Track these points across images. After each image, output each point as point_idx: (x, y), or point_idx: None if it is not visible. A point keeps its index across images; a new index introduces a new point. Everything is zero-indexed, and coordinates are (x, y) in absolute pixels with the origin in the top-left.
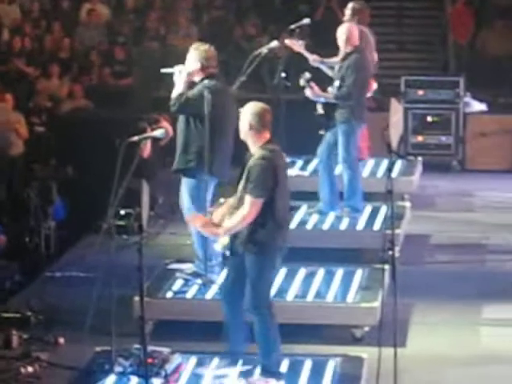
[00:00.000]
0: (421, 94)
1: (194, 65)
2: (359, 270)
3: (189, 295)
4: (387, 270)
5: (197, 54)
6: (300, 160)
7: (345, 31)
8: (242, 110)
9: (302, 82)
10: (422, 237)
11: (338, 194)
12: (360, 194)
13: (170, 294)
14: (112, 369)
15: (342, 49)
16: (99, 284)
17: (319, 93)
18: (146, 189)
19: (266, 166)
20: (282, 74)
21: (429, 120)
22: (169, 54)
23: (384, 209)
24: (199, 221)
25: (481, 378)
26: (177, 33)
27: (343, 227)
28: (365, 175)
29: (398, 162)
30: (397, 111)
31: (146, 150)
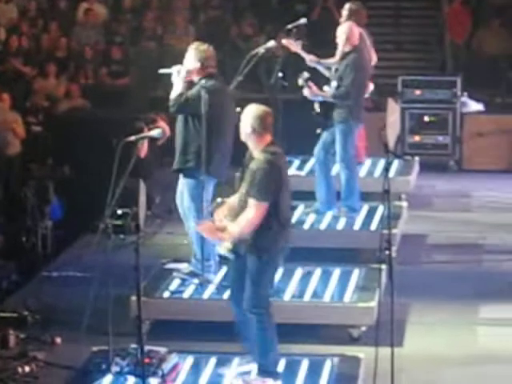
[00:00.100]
0: (418, 93)
1: (193, 64)
2: (356, 269)
3: (186, 295)
4: (384, 269)
5: (196, 53)
6: (297, 160)
7: (345, 30)
8: (242, 111)
9: (300, 81)
10: (419, 237)
11: (335, 193)
12: (357, 193)
13: (166, 294)
14: (109, 368)
15: (341, 48)
16: (96, 284)
17: (317, 92)
18: (142, 188)
19: (269, 170)
20: (279, 73)
21: (426, 120)
22: (166, 53)
23: (381, 209)
24: (205, 228)
25: (478, 378)
26: (174, 32)
27: (340, 227)
28: (362, 175)
29: (395, 162)
30: (394, 111)
31: (143, 149)
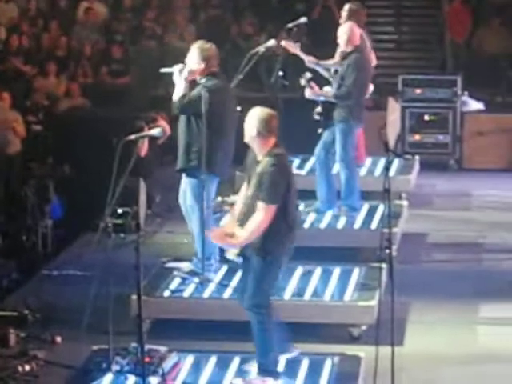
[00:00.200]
0: (418, 92)
1: (196, 63)
2: (356, 268)
3: (186, 294)
4: (384, 268)
5: (199, 52)
6: (297, 159)
7: (346, 30)
8: (243, 110)
9: (302, 81)
10: (419, 235)
11: (336, 193)
12: (357, 192)
13: (167, 293)
14: (109, 367)
15: (343, 48)
16: (96, 282)
17: (319, 92)
18: (143, 187)
19: (277, 172)
20: (280, 72)
21: (426, 119)
22: (166, 52)
23: (381, 207)
24: (215, 235)
25: (478, 377)
26: (174, 32)
27: (340, 226)
28: (362, 174)
29: (396, 161)
30: (394, 110)
31: (144, 148)
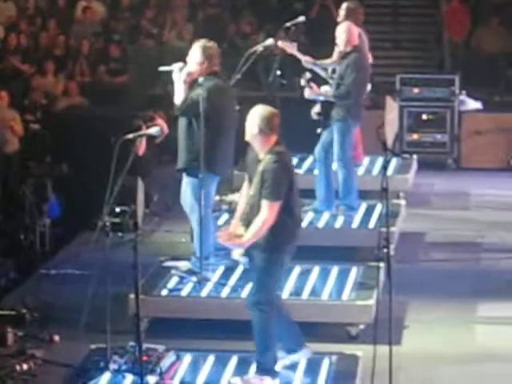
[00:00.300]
0: (416, 92)
1: (197, 62)
2: (354, 267)
3: (184, 293)
4: (382, 267)
5: (202, 51)
6: (295, 158)
7: (344, 30)
8: (241, 109)
9: (302, 82)
10: (417, 235)
11: (334, 192)
12: (355, 192)
13: (165, 292)
14: (107, 366)
15: (342, 48)
16: (94, 281)
17: (319, 92)
18: (141, 186)
19: (279, 170)
20: (278, 71)
21: (424, 118)
22: (164, 51)
23: (379, 207)
24: (223, 236)
25: (475, 376)
26: (172, 30)
27: (338, 225)
28: (360, 173)
29: (393, 160)
30: (392, 109)
31: (141, 147)
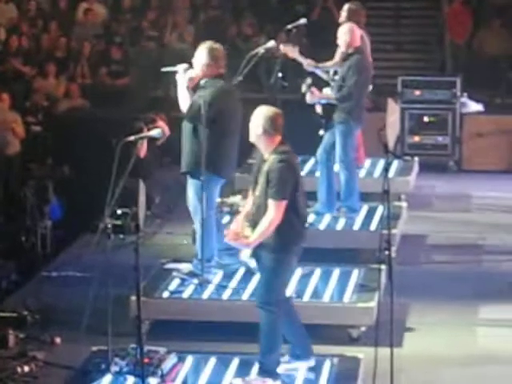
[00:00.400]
0: (417, 94)
1: (203, 63)
2: (356, 270)
3: (185, 295)
4: (384, 270)
5: (208, 52)
6: None
7: (346, 32)
8: (247, 114)
9: (303, 88)
10: (419, 237)
11: (336, 195)
12: (357, 194)
13: (166, 294)
14: (108, 368)
15: (344, 49)
16: (96, 284)
17: (320, 95)
18: (142, 188)
19: (283, 169)
20: (279, 73)
21: (425, 120)
22: (165, 53)
23: (380, 209)
24: (230, 235)
25: (477, 378)
26: (174, 33)
27: (340, 227)
28: (361, 175)
29: (395, 162)
30: (394, 111)
31: (143, 149)
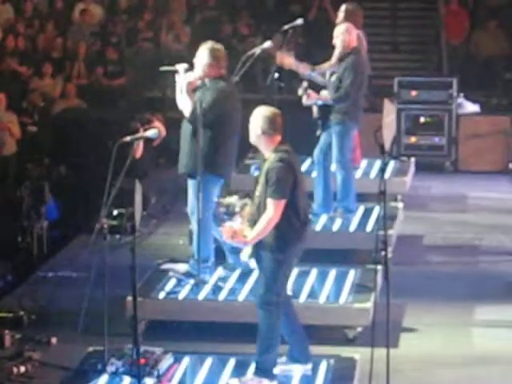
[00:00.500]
0: (414, 94)
1: (205, 63)
2: (352, 270)
3: (181, 295)
4: (380, 270)
5: (209, 51)
6: None
7: (343, 32)
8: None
9: (300, 91)
10: (415, 237)
11: (332, 196)
12: (353, 195)
13: (162, 294)
14: (104, 369)
15: (340, 50)
16: (92, 284)
17: (317, 97)
18: (138, 189)
19: (284, 168)
20: (276, 74)
21: (422, 121)
22: (162, 54)
23: (377, 209)
24: (227, 232)
25: (473, 379)
26: (170, 33)
27: (336, 228)
28: (358, 176)
29: (391, 163)
30: (390, 112)
31: (139, 150)
